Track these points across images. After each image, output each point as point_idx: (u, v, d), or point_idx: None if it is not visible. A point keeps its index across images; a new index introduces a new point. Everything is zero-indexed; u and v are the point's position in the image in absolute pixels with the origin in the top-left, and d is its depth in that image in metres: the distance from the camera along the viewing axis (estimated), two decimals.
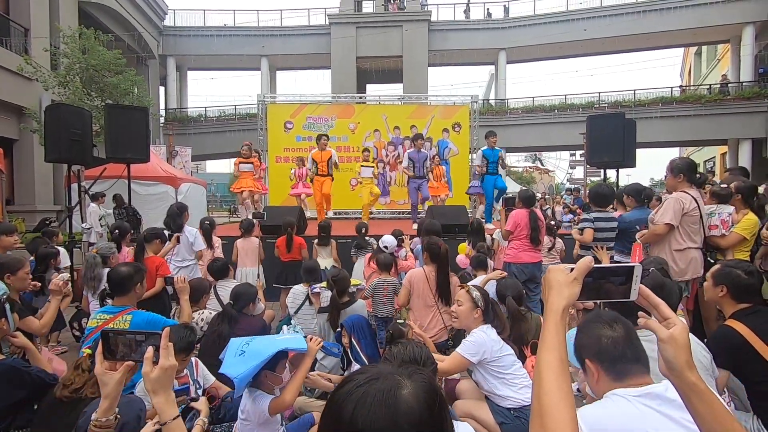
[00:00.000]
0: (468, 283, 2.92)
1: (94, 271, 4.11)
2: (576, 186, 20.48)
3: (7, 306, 2.03)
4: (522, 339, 2.89)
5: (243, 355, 1.95)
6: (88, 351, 1.73)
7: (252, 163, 8.18)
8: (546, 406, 0.82)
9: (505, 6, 21.78)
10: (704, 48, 24.15)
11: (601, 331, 1.32)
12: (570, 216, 12.19)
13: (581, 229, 4.26)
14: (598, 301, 1.72)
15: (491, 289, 3.56)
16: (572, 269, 0.94)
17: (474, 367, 2.51)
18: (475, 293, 2.62)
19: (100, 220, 7.75)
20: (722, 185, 3.78)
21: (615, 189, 5.46)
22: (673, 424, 1.17)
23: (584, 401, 1.60)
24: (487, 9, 22.01)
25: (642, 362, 1.29)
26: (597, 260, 3.71)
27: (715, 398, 0.87)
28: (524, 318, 3.05)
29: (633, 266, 0.96)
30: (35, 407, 1.98)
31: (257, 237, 5.60)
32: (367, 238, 5.55)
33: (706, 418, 0.87)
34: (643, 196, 4.56)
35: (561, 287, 0.92)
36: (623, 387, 1.25)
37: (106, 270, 4.13)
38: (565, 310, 0.91)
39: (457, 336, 3.72)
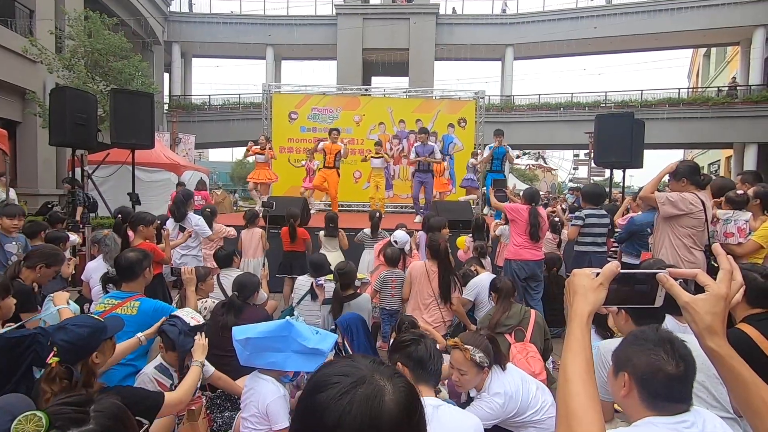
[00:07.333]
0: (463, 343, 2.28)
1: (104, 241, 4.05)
2: (578, 185, 20.39)
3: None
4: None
5: (319, 333, 2.21)
6: (56, 359, 1.61)
7: (264, 153, 8.39)
8: (573, 410, 0.82)
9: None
10: (713, 50, 23.94)
11: (663, 365, 1.23)
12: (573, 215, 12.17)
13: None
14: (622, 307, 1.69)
15: (486, 284, 3.66)
16: (598, 274, 0.92)
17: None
18: (478, 355, 2.17)
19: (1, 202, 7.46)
20: (738, 191, 3.69)
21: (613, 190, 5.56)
22: None
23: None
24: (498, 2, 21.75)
25: (686, 402, 1.22)
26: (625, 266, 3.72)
27: (738, 364, 0.86)
28: (509, 307, 3.14)
29: (659, 273, 0.93)
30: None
31: (261, 228, 5.57)
32: (380, 230, 5.43)
33: (731, 384, 0.88)
34: None
35: (586, 292, 0.91)
36: (656, 416, 1.21)
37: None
38: (590, 315, 0.90)
39: (455, 331, 3.75)
